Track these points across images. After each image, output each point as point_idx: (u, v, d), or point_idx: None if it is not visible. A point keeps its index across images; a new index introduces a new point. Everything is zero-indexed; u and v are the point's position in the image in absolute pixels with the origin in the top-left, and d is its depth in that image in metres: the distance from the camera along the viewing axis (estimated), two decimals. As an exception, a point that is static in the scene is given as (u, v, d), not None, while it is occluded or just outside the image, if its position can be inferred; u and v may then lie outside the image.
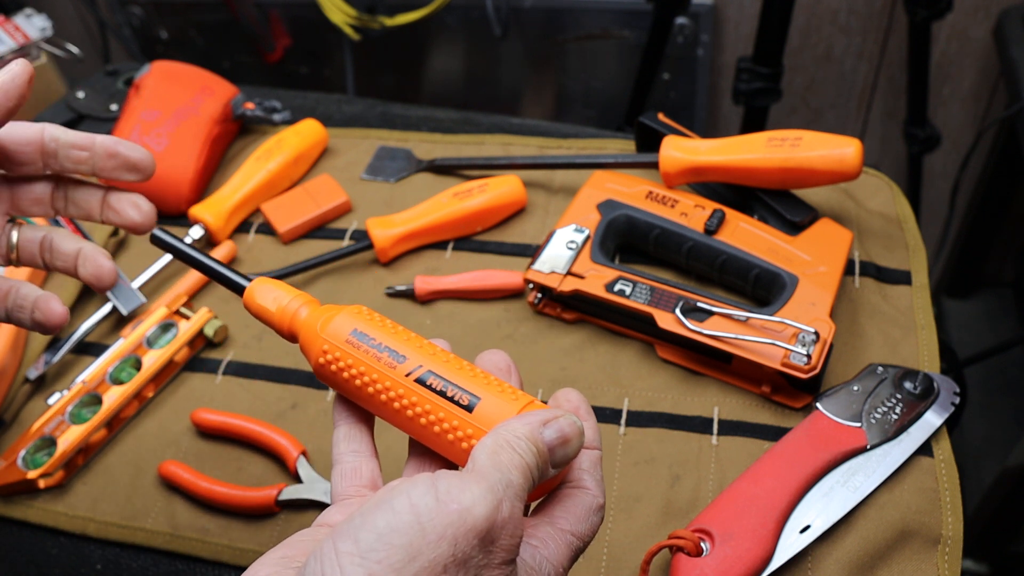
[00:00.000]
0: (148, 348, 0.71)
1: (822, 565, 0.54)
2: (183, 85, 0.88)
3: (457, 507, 0.32)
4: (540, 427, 0.37)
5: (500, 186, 0.78)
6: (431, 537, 0.31)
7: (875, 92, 1.49)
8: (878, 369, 0.62)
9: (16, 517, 0.65)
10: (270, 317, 0.44)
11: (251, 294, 0.44)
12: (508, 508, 0.33)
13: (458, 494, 0.33)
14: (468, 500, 0.32)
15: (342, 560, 0.31)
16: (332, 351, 0.41)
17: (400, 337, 0.41)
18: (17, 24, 0.95)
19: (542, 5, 1.46)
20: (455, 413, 0.39)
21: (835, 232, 0.69)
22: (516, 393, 0.39)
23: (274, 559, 0.36)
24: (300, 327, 0.43)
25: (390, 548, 0.31)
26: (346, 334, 0.41)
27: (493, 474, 0.34)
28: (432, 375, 0.39)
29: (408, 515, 0.32)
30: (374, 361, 0.40)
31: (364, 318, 0.42)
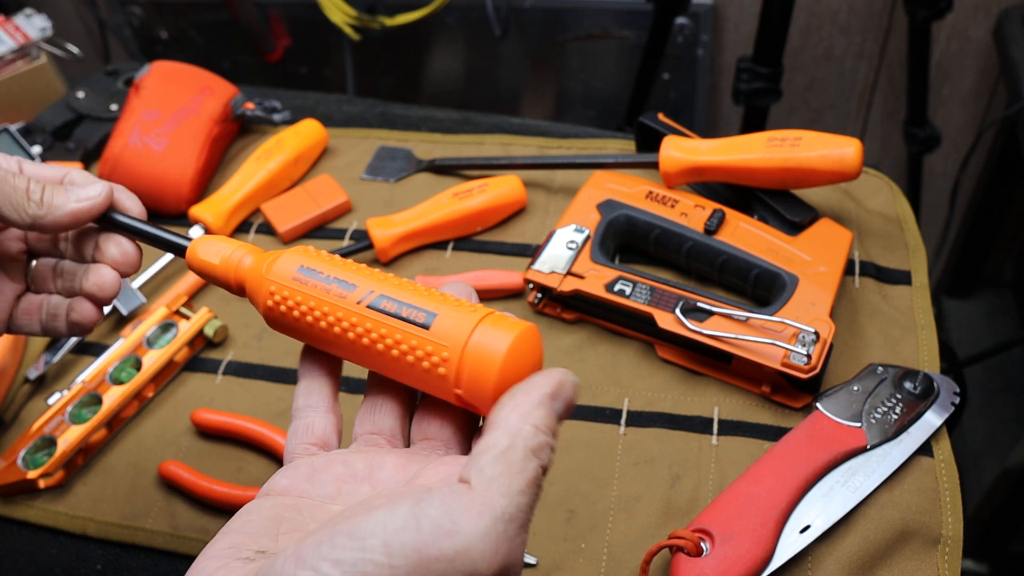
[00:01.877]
0: (148, 348, 0.71)
1: (822, 565, 0.54)
2: (183, 85, 0.88)
3: (439, 553, 0.27)
4: (551, 403, 0.32)
5: (500, 186, 0.78)
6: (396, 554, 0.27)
7: (875, 92, 1.49)
8: (878, 369, 0.62)
9: (16, 517, 0.65)
10: (214, 271, 0.42)
11: (193, 251, 0.43)
12: (508, 549, 0.28)
13: (446, 532, 0.27)
14: (458, 544, 0.27)
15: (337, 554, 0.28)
16: (279, 291, 0.39)
17: (349, 268, 0.39)
18: (17, 24, 0.95)
19: (542, 5, 1.46)
20: (412, 332, 0.36)
21: (835, 232, 0.69)
22: (474, 307, 0.37)
23: (221, 549, 0.33)
24: (246, 275, 0.42)
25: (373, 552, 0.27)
26: (292, 272, 0.39)
27: (499, 502, 0.28)
28: (384, 299, 0.37)
29: (380, 555, 0.27)
30: (323, 294, 0.38)
31: (310, 255, 0.40)
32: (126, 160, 0.83)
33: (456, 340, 0.35)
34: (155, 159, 0.83)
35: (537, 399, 0.31)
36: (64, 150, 0.90)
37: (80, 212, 0.44)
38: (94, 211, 0.45)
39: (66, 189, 0.45)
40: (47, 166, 0.47)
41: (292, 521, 0.34)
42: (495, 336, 0.35)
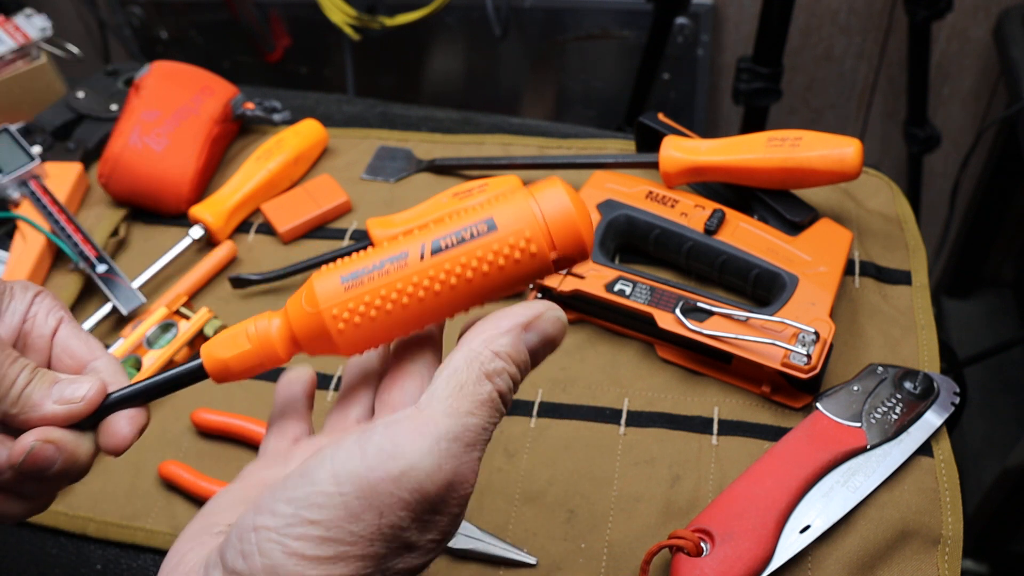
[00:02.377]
0: (148, 348, 0.71)
1: (822, 565, 0.54)
2: (183, 85, 0.88)
3: (384, 474, 0.28)
4: (521, 332, 0.33)
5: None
6: (353, 508, 0.28)
7: (875, 92, 1.49)
8: (878, 369, 0.62)
9: (16, 517, 0.65)
10: (250, 357, 0.39)
11: (212, 354, 0.39)
12: (453, 466, 0.29)
13: (389, 455, 0.28)
14: (402, 464, 0.28)
15: (260, 536, 0.29)
16: (342, 309, 0.37)
17: (378, 249, 0.38)
18: (17, 24, 0.95)
19: (542, 5, 1.46)
20: (486, 241, 0.36)
21: (835, 232, 0.69)
22: (508, 191, 0.37)
23: (194, 531, 0.33)
24: (288, 327, 0.39)
25: (307, 524, 0.28)
26: (339, 285, 0.37)
27: (443, 422, 0.30)
28: (439, 240, 0.37)
29: (329, 485, 0.28)
30: (385, 277, 0.37)
31: (334, 268, 0.38)
32: (126, 160, 0.83)
33: (525, 219, 0.36)
34: (155, 159, 0.83)
35: (506, 327, 0.32)
36: (64, 150, 0.90)
37: (57, 416, 0.38)
38: (73, 417, 0.38)
39: (50, 384, 0.38)
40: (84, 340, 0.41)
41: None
42: (550, 195, 0.36)
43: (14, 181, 0.82)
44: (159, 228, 0.85)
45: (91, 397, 0.39)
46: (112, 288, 0.76)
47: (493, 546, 0.58)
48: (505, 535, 0.59)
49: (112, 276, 0.77)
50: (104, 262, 0.78)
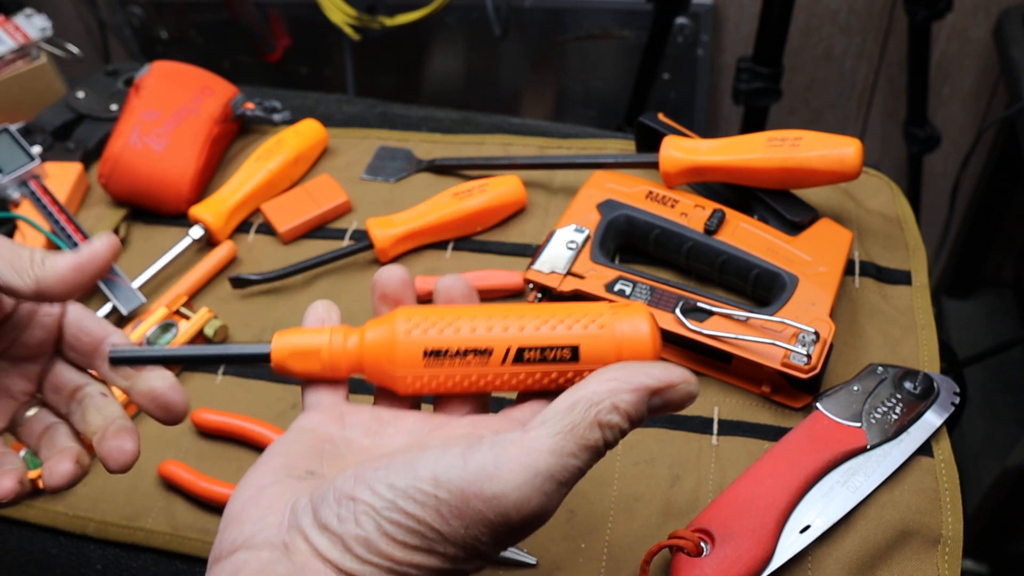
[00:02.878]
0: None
1: (822, 565, 0.54)
2: (183, 85, 0.88)
3: (478, 491, 0.30)
4: (649, 396, 0.33)
5: (500, 186, 0.78)
6: (444, 513, 0.30)
7: (875, 92, 1.49)
8: (878, 369, 0.62)
9: (16, 517, 0.65)
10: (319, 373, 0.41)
11: (282, 362, 0.41)
12: (542, 503, 0.31)
13: (488, 476, 0.30)
14: (496, 488, 0.30)
15: (357, 508, 0.31)
16: (416, 378, 0.39)
17: (469, 331, 0.39)
18: (17, 24, 0.95)
19: (542, 5, 1.46)
20: (565, 368, 0.38)
21: (835, 232, 0.69)
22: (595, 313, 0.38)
23: (272, 467, 0.35)
24: (359, 365, 0.40)
25: (403, 513, 0.31)
26: (420, 356, 0.39)
27: (545, 458, 0.31)
28: (525, 350, 0.38)
29: (428, 484, 0.31)
30: (464, 367, 0.39)
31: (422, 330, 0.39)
32: (126, 160, 0.83)
33: (607, 356, 0.37)
34: (155, 159, 0.83)
35: (636, 384, 0.33)
36: (64, 150, 0.90)
37: (83, 264, 0.41)
38: (98, 260, 0.41)
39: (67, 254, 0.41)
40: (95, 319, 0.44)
41: (332, 453, 0.37)
42: (633, 329, 0.38)
43: (14, 181, 0.82)
44: (159, 228, 0.85)
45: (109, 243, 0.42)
46: (112, 288, 0.76)
47: (493, 546, 0.58)
48: (505, 535, 0.59)
49: (112, 276, 0.77)
50: (104, 262, 0.78)
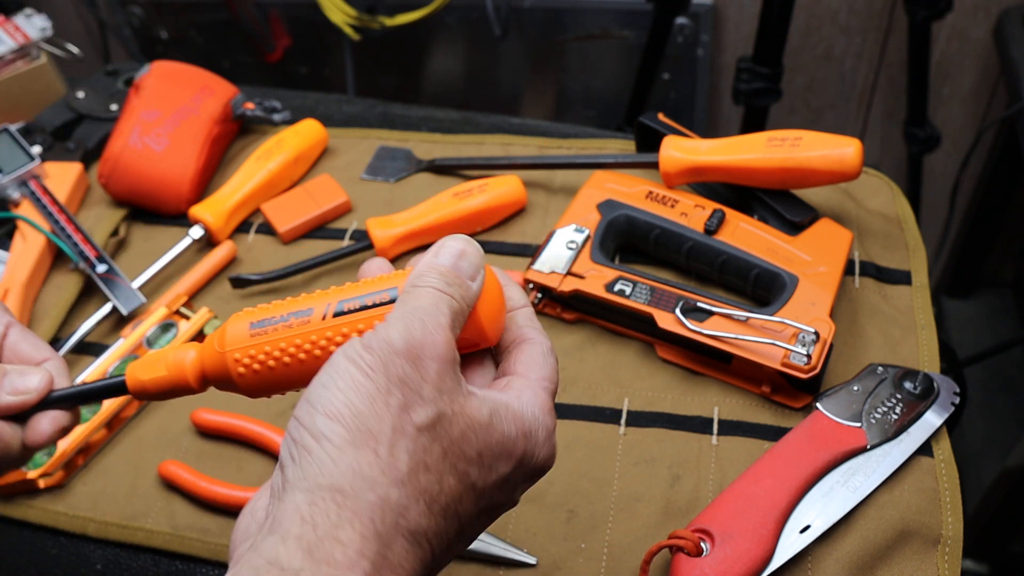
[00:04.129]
0: (148, 348, 0.71)
1: (822, 565, 0.54)
2: (183, 85, 0.88)
3: (377, 343, 0.35)
4: (434, 257, 0.40)
5: (500, 186, 0.78)
6: (366, 371, 0.34)
7: (875, 92, 1.49)
8: (878, 369, 0.62)
9: (16, 517, 0.65)
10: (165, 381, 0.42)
11: (134, 374, 0.42)
12: (420, 327, 0.36)
13: (376, 335, 0.36)
14: (383, 334, 0.35)
15: (302, 421, 0.34)
16: (244, 354, 0.40)
17: (291, 302, 0.41)
18: (17, 24, 0.95)
19: (542, 5, 1.46)
20: (386, 310, 0.39)
21: (835, 232, 0.69)
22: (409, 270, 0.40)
23: (267, 487, 0.39)
24: (200, 364, 0.41)
25: (336, 391, 0.34)
26: (247, 331, 0.40)
27: (400, 309, 0.37)
28: (344, 302, 0.39)
29: (344, 363, 0.35)
30: (287, 331, 0.39)
31: (251, 312, 0.41)
32: (126, 160, 0.83)
33: None
34: (155, 159, 0.83)
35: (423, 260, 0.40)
36: (64, 150, 0.90)
37: (9, 406, 0.43)
38: (23, 406, 0.43)
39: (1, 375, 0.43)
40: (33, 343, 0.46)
41: None
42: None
43: (14, 181, 0.82)
44: (159, 228, 0.85)
45: (40, 388, 0.44)
46: (112, 288, 0.76)
47: (493, 546, 0.58)
48: (505, 535, 0.59)
49: (112, 276, 0.77)
50: (104, 262, 0.78)
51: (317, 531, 0.31)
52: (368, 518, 0.31)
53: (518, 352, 0.41)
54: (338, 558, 0.30)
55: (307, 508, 0.31)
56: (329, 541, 0.31)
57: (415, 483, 0.33)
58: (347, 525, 0.31)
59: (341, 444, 0.33)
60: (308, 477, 0.32)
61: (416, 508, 0.33)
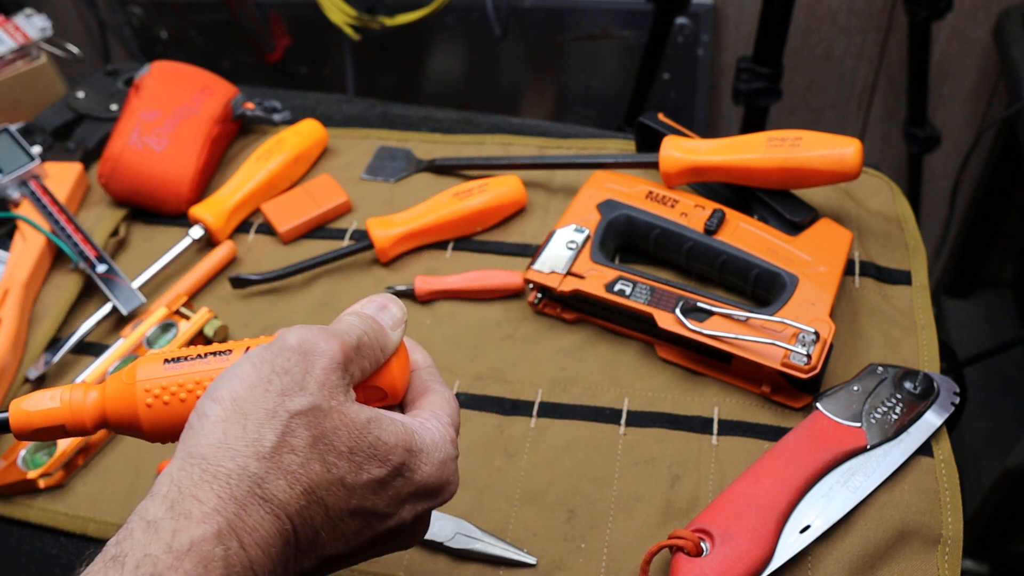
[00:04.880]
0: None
1: (822, 565, 0.54)
2: (183, 85, 0.88)
3: (274, 343, 0.39)
4: (360, 306, 0.43)
5: (500, 186, 0.78)
6: (256, 364, 0.38)
7: (875, 92, 1.49)
8: (878, 369, 0.62)
9: (16, 517, 0.65)
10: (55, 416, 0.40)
11: (20, 408, 0.40)
12: (317, 334, 0.39)
13: (277, 338, 0.39)
14: (282, 336, 0.39)
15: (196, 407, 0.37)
16: (154, 386, 0.39)
17: (210, 347, 0.41)
18: (17, 24, 0.95)
19: (542, 5, 1.46)
20: None
21: (835, 232, 0.69)
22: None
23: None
24: (102, 398, 0.40)
25: (227, 381, 0.37)
26: (160, 367, 0.39)
27: (314, 325, 0.40)
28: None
29: (243, 360, 0.38)
30: (205, 366, 0.39)
31: (164, 352, 0.40)
32: (126, 160, 0.83)
33: None
34: (155, 159, 0.83)
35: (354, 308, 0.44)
36: (64, 150, 0.90)
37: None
38: None
39: None
40: None
41: None
42: None
43: (14, 181, 0.82)
44: (159, 228, 0.85)
45: None
46: (112, 288, 0.76)
47: (493, 546, 0.58)
48: (505, 535, 0.59)
49: (112, 276, 0.77)
50: (104, 262, 0.78)
51: (181, 490, 0.34)
52: (225, 482, 0.35)
53: (422, 400, 0.44)
54: (195, 513, 0.34)
55: (177, 473, 0.35)
56: (189, 499, 0.34)
57: (277, 460, 0.36)
58: (206, 486, 0.34)
59: (215, 420, 0.36)
60: (184, 449, 0.36)
61: (275, 483, 0.35)
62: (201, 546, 0.33)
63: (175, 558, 0.32)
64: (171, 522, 0.33)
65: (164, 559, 0.32)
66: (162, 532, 0.33)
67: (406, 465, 0.39)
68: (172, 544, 0.32)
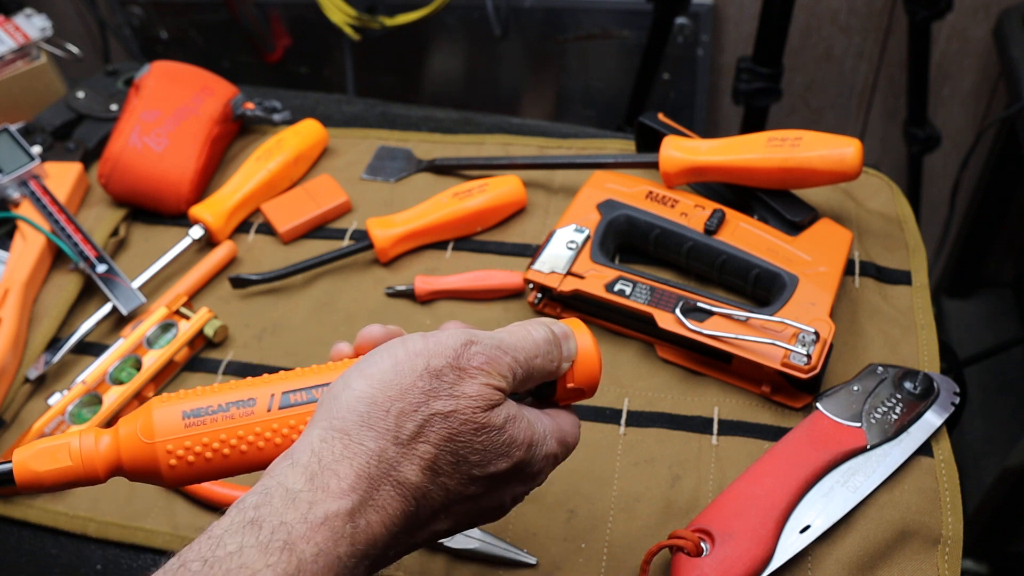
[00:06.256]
0: (148, 348, 0.71)
1: (822, 565, 0.54)
2: (183, 85, 0.88)
3: (434, 339, 0.39)
4: (552, 326, 0.44)
5: (500, 186, 0.78)
6: (411, 355, 0.38)
7: (875, 92, 1.49)
8: (878, 369, 0.62)
9: (16, 517, 0.65)
10: (68, 473, 0.38)
11: (26, 467, 0.37)
12: (479, 348, 0.39)
13: (435, 334, 0.39)
14: (445, 335, 0.39)
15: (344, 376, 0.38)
16: (177, 445, 0.37)
17: (229, 388, 0.39)
18: (17, 24, 0.95)
19: (542, 5, 1.46)
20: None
21: (835, 232, 0.69)
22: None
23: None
24: (116, 452, 0.38)
25: (379, 362, 0.38)
26: (179, 420, 0.38)
27: (483, 332, 0.41)
28: (290, 394, 0.39)
29: (398, 345, 0.39)
30: (229, 422, 0.38)
31: (179, 398, 0.39)
32: (126, 160, 0.83)
33: None
34: (155, 159, 0.83)
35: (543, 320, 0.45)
36: (64, 150, 0.90)
37: None
38: None
39: None
40: None
41: None
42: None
43: (14, 181, 0.82)
44: (159, 228, 0.85)
45: None
46: (112, 288, 0.76)
47: (493, 546, 0.58)
48: (505, 535, 0.59)
49: (112, 276, 0.77)
50: (104, 262, 0.78)
51: (321, 463, 0.35)
52: (365, 461, 0.36)
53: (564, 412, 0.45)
54: (332, 487, 0.35)
55: (318, 444, 0.36)
56: (328, 473, 0.35)
57: (413, 447, 0.37)
58: (346, 462, 0.36)
59: (361, 397, 0.37)
60: (327, 418, 0.37)
61: (408, 467, 0.37)
62: (334, 521, 0.34)
63: (309, 528, 0.34)
64: (309, 494, 0.34)
65: (299, 528, 0.34)
66: (299, 503, 0.34)
67: (525, 461, 0.41)
68: (308, 516, 0.34)
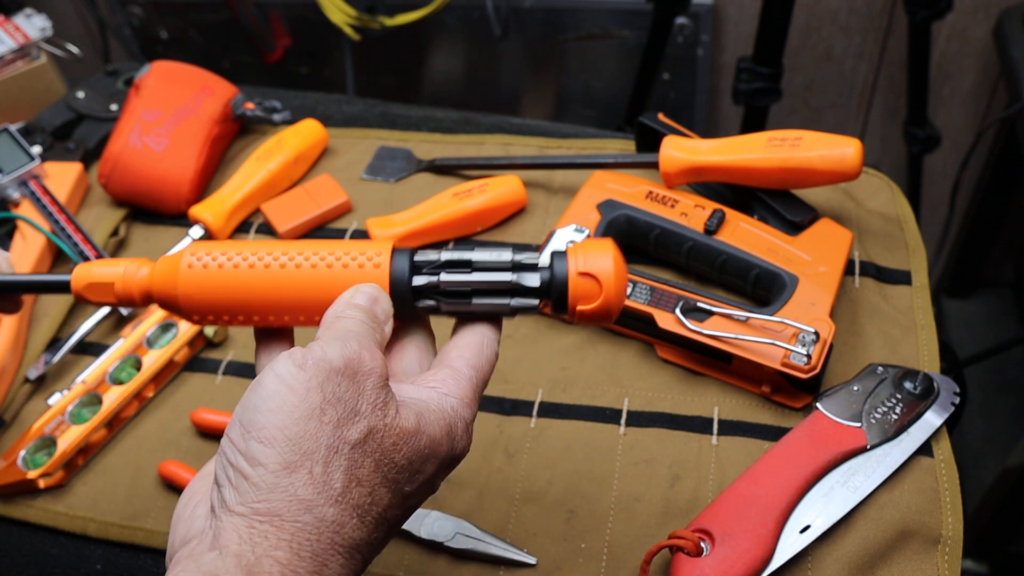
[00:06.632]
0: (148, 348, 0.71)
1: (822, 565, 0.54)
2: (183, 85, 0.88)
3: (313, 362, 0.36)
4: (351, 296, 0.41)
5: (500, 186, 0.78)
6: (300, 392, 0.35)
7: (875, 92, 1.49)
8: (878, 369, 0.62)
9: (16, 517, 0.65)
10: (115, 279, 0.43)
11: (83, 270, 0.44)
12: (356, 346, 0.37)
13: (311, 353, 0.36)
14: (320, 353, 0.36)
15: (236, 444, 0.35)
16: (201, 248, 0.42)
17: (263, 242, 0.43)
18: (17, 24, 0.95)
19: (542, 5, 1.46)
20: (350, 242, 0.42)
21: (835, 232, 0.69)
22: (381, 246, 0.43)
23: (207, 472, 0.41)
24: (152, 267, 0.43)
25: (268, 414, 0.35)
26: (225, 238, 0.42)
27: (332, 331, 0.38)
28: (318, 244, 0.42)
29: (275, 384, 0.35)
30: (250, 244, 0.41)
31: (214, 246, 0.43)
32: (126, 160, 0.83)
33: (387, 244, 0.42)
34: (155, 159, 0.83)
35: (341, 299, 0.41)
36: (64, 150, 0.90)
37: None
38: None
39: None
40: None
41: None
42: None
43: (14, 181, 0.82)
44: (159, 228, 0.85)
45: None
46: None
47: (493, 546, 0.58)
48: (505, 535, 0.59)
49: (112, 276, 0.77)
50: (104, 262, 0.78)
51: (256, 551, 0.32)
52: (305, 539, 0.33)
53: (459, 336, 0.42)
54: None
55: (246, 530, 0.33)
56: (267, 560, 0.32)
57: (349, 499, 0.34)
58: (285, 546, 0.33)
59: (276, 469, 0.34)
60: (246, 502, 0.34)
61: (350, 523, 0.34)
62: None
63: None
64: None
65: None
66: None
67: (450, 449, 0.39)
68: None
